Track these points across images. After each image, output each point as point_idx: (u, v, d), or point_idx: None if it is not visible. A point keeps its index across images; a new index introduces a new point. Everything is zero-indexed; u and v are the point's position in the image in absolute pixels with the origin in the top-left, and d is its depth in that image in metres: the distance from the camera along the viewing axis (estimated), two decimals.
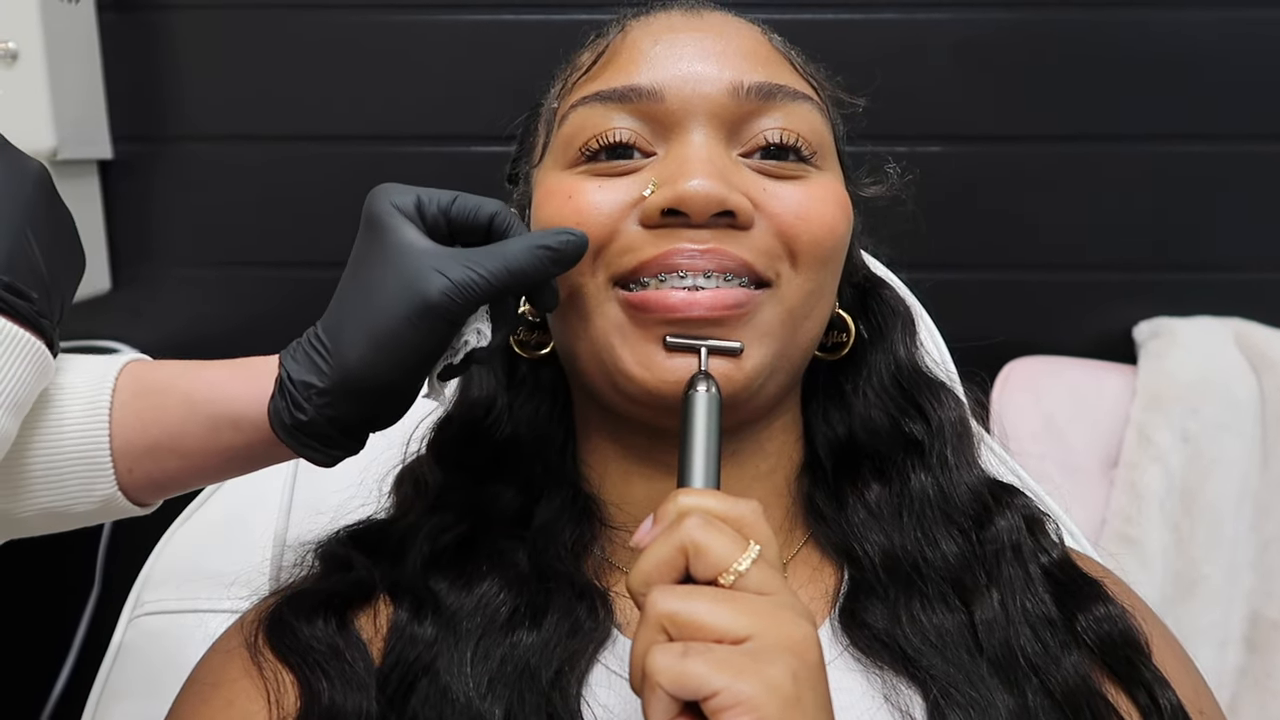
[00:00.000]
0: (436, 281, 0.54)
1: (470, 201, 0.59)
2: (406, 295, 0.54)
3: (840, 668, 0.60)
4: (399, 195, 0.57)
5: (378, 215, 0.57)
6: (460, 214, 0.58)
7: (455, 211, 0.58)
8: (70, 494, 0.57)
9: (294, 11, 1.47)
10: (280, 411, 0.56)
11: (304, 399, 0.56)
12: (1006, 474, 0.80)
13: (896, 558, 0.63)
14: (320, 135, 1.49)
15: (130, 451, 0.57)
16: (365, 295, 0.56)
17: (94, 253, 1.50)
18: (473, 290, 0.54)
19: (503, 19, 1.46)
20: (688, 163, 0.58)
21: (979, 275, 1.50)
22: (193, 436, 0.58)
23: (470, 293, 0.54)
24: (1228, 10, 1.43)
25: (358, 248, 0.58)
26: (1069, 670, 0.59)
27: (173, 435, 0.58)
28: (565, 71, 0.68)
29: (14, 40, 1.33)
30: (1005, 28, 1.44)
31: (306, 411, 0.56)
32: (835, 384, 0.70)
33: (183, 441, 0.58)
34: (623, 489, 0.65)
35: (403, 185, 0.58)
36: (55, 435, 0.56)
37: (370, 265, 0.56)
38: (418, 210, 0.57)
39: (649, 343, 0.58)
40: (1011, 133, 1.48)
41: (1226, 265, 1.51)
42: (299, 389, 0.56)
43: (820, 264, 0.61)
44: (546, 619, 0.59)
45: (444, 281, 0.54)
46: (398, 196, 0.57)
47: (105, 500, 0.58)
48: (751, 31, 0.65)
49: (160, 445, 0.58)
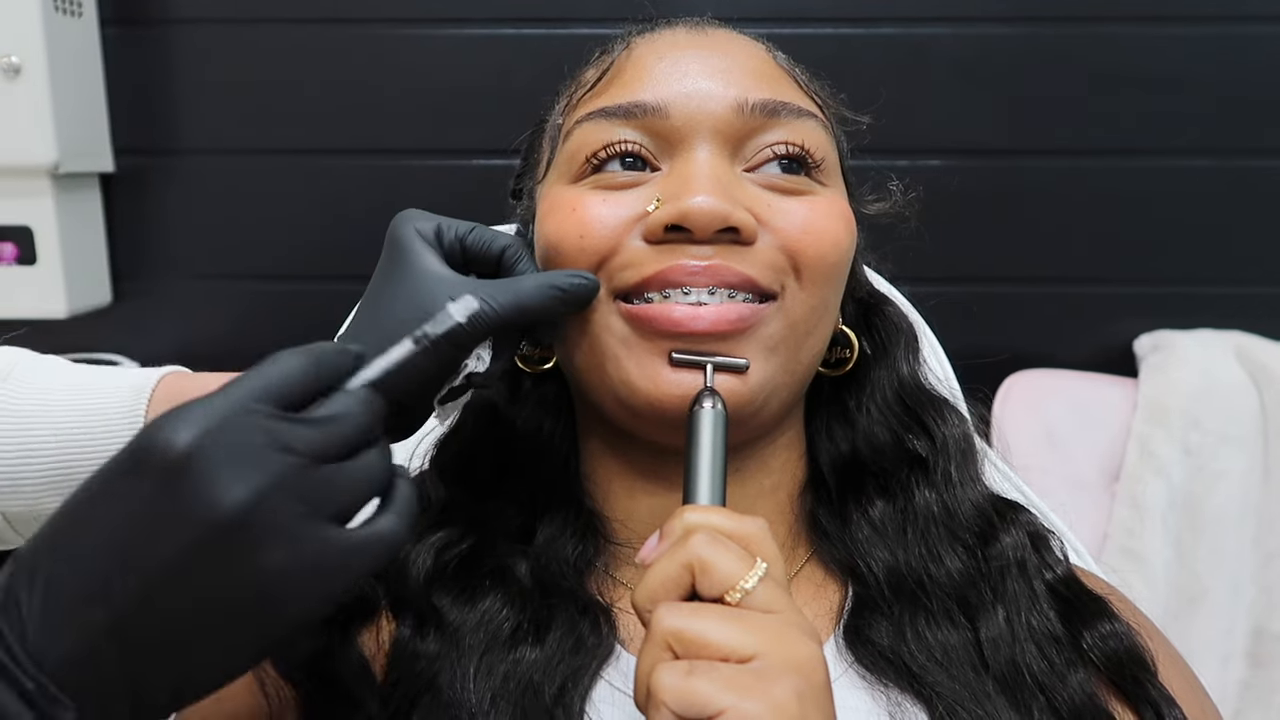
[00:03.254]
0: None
1: (486, 234, 0.61)
2: (419, 319, 0.55)
3: (845, 685, 0.59)
4: (421, 221, 0.60)
5: (400, 239, 0.59)
6: (475, 244, 0.61)
7: (471, 241, 0.61)
8: None
9: (295, 26, 1.47)
10: None
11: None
12: (1011, 490, 0.80)
13: (901, 574, 0.63)
14: (321, 149, 1.50)
15: None
16: (380, 315, 0.58)
17: (95, 266, 1.51)
18: (482, 321, 0.56)
19: (504, 33, 1.47)
20: (692, 179, 0.58)
21: (979, 289, 1.50)
22: None
23: (480, 323, 0.55)
24: (1230, 26, 1.44)
25: (380, 268, 0.60)
26: (1075, 688, 0.58)
27: None
28: (570, 88, 0.68)
29: (17, 54, 1.33)
30: (1006, 42, 1.45)
31: None
32: (839, 400, 0.70)
33: None
34: (627, 505, 0.65)
35: (425, 212, 0.61)
36: (98, 437, 0.60)
37: (388, 286, 0.58)
38: (437, 237, 0.60)
39: (654, 356, 0.58)
40: (1012, 147, 1.48)
41: (1227, 278, 1.51)
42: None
43: (825, 279, 0.61)
44: (550, 635, 0.59)
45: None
46: (420, 222, 0.60)
47: None
48: (756, 49, 0.65)
49: None
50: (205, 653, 0.42)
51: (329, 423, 0.44)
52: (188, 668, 0.42)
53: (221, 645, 0.42)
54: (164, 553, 0.40)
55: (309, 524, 0.42)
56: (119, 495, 0.41)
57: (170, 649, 0.41)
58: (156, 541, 0.40)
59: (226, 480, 0.40)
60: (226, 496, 0.40)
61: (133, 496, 0.41)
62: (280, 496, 0.41)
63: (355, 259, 1.30)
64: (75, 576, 0.41)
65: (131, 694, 0.41)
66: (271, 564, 0.41)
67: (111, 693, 0.41)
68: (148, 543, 0.40)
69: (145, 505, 0.40)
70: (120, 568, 0.40)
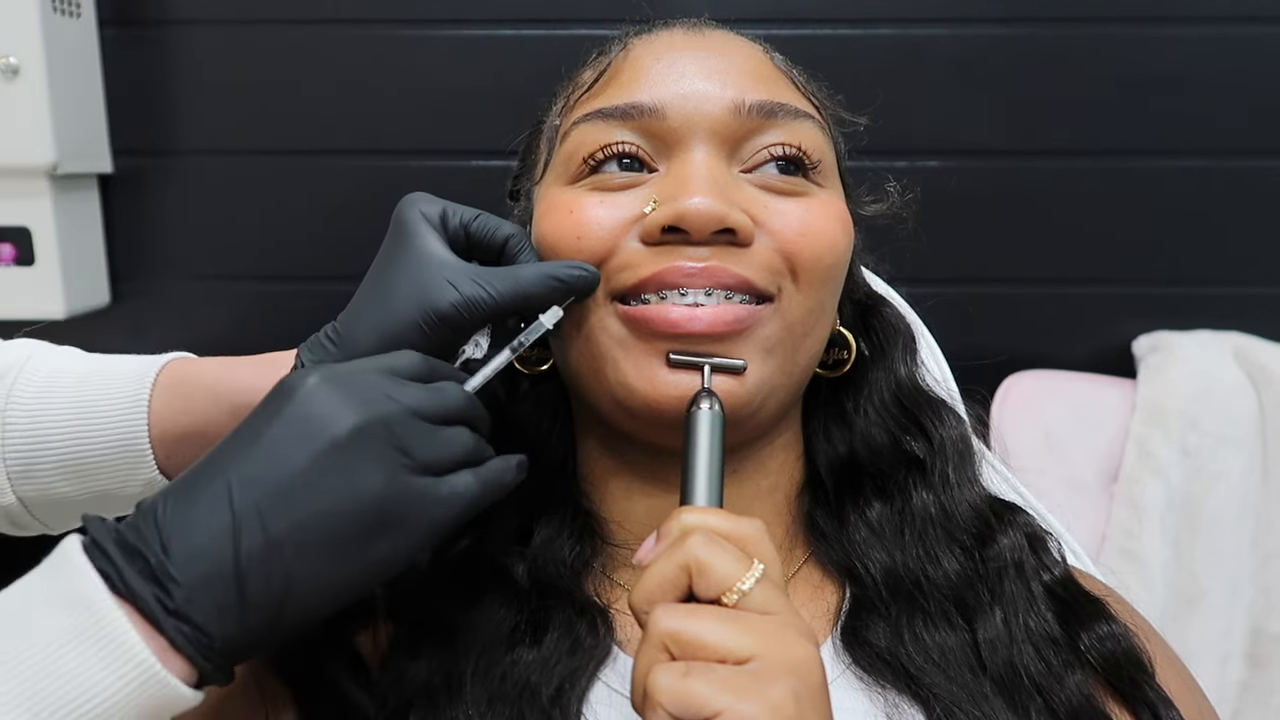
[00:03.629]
0: (448, 293, 0.57)
1: (491, 221, 0.62)
2: (417, 301, 0.57)
3: (842, 686, 0.59)
4: (427, 204, 0.61)
5: (404, 221, 0.60)
6: (480, 231, 0.62)
7: (475, 228, 0.62)
8: (120, 477, 0.63)
9: (294, 26, 1.47)
10: None
11: None
12: (1009, 491, 0.80)
13: (898, 575, 0.63)
14: (320, 149, 1.50)
15: (166, 439, 0.62)
16: (381, 296, 0.59)
17: (93, 267, 1.51)
18: (480, 306, 0.57)
19: (503, 34, 1.47)
20: (688, 180, 0.58)
21: (977, 289, 1.50)
22: (218, 426, 0.61)
23: (478, 308, 0.57)
24: (1227, 26, 1.44)
25: (383, 250, 0.61)
26: (1072, 690, 0.58)
27: (201, 425, 0.62)
28: (567, 89, 0.68)
29: (15, 55, 1.33)
30: (1004, 43, 1.45)
31: None
32: (836, 402, 0.70)
33: (210, 430, 0.61)
34: (624, 505, 0.65)
35: (432, 196, 0.62)
36: (105, 422, 0.62)
37: (390, 268, 0.59)
38: (442, 221, 0.61)
39: (651, 357, 0.58)
40: (1010, 148, 1.48)
41: (1226, 279, 1.51)
42: None
43: (821, 281, 0.61)
44: (547, 636, 0.59)
45: (455, 294, 0.57)
46: (426, 205, 0.61)
47: (148, 484, 0.63)
48: (753, 50, 0.65)
49: (191, 434, 0.62)
50: (312, 566, 0.47)
51: (433, 391, 0.52)
52: (299, 577, 0.47)
53: (326, 564, 0.48)
54: (297, 460, 0.47)
55: (402, 467, 0.49)
56: (254, 427, 0.49)
57: (287, 557, 0.47)
58: (291, 451, 0.48)
59: (344, 408, 0.48)
60: (343, 418, 0.48)
61: (270, 421, 0.49)
62: (383, 431, 0.49)
63: (353, 259, 1.30)
64: (210, 490, 0.47)
65: (241, 594, 0.46)
66: (369, 489, 0.48)
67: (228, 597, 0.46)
68: (284, 453, 0.48)
69: (284, 425, 0.48)
70: (256, 478, 0.47)
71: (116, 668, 0.44)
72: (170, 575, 0.45)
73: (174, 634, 0.45)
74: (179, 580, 0.45)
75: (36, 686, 0.43)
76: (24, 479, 0.62)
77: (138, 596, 0.45)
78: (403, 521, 0.49)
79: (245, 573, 0.46)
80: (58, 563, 0.46)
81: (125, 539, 0.46)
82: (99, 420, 0.62)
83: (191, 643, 0.45)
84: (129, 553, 0.46)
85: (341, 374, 0.50)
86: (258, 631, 0.47)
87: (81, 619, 0.44)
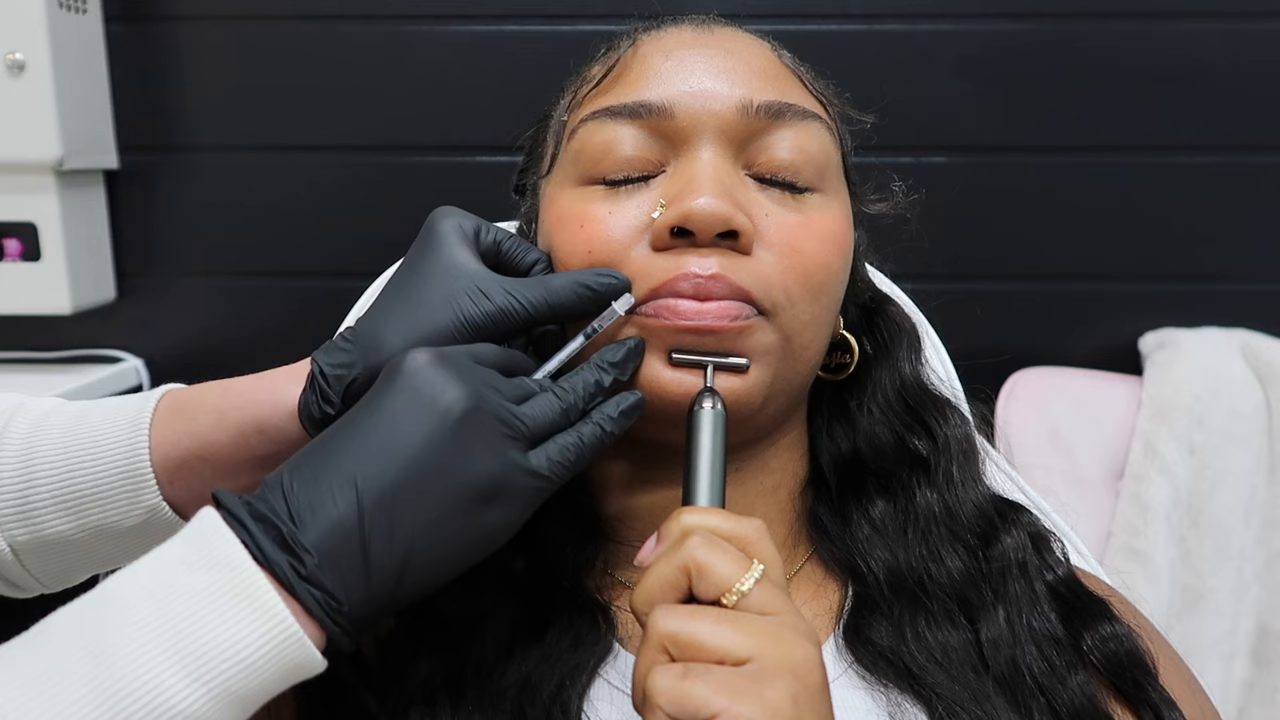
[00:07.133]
0: (482, 302, 0.58)
1: (521, 244, 0.64)
2: (451, 310, 0.58)
3: (844, 685, 0.59)
4: (462, 218, 0.62)
5: (439, 231, 0.61)
6: (510, 251, 0.63)
7: (506, 248, 0.63)
8: (120, 507, 0.61)
9: (300, 22, 1.47)
10: (310, 405, 0.58)
11: (335, 392, 0.57)
12: (1013, 490, 0.80)
13: (901, 574, 0.63)
14: (326, 146, 1.50)
15: (168, 464, 0.61)
16: (409, 303, 0.59)
17: (100, 263, 1.51)
18: (513, 316, 0.58)
19: (508, 29, 1.46)
20: (695, 180, 0.58)
21: (983, 286, 1.50)
22: (222, 446, 0.61)
23: (510, 318, 0.58)
24: (1234, 22, 1.43)
25: (410, 259, 0.61)
26: (1075, 690, 0.58)
27: (204, 446, 0.61)
28: (575, 84, 0.68)
29: (21, 51, 1.34)
30: (1010, 38, 1.44)
31: (335, 405, 0.57)
32: (840, 400, 0.69)
33: (213, 451, 0.61)
34: (626, 503, 0.65)
35: (466, 211, 0.63)
36: (102, 452, 0.60)
37: (420, 276, 0.59)
38: (476, 236, 0.62)
39: (654, 355, 0.59)
40: (1017, 143, 1.47)
41: (1233, 276, 1.50)
42: (331, 383, 0.57)
43: (813, 298, 0.60)
44: (548, 632, 0.59)
45: (489, 304, 0.58)
46: (462, 219, 0.62)
47: (150, 510, 0.61)
48: (762, 49, 0.65)
49: (194, 456, 0.61)
50: (430, 536, 0.50)
51: (516, 382, 0.55)
52: (418, 548, 0.50)
53: (443, 535, 0.50)
54: (415, 436, 0.50)
55: (508, 439, 0.52)
56: (372, 404, 0.52)
57: (407, 528, 0.49)
58: (410, 427, 0.50)
59: (456, 386, 0.51)
60: (457, 397, 0.51)
61: (385, 401, 0.51)
62: (487, 406, 0.52)
63: (360, 256, 1.31)
64: (333, 463, 0.50)
65: (366, 563, 0.48)
66: (483, 464, 0.51)
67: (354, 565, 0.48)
68: (403, 429, 0.50)
69: (400, 402, 0.51)
70: (377, 452, 0.50)
71: (260, 625, 0.46)
72: (301, 544, 0.47)
73: (307, 599, 0.47)
74: (309, 549, 0.47)
75: (184, 637, 0.44)
76: (18, 520, 0.60)
77: (273, 562, 0.47)
78: (512, 492, 0.52)
79: (369, 542, 0.48)
80: (196, 528, 0.48)
81: (257, 509, 0.48)
82: (98, 448, 0.60)
83: (323, 608, 0.47)
84: (262, 521, 0.48)
85: (448, 355, 0.53)
86: (380, 599, 0.49)
87: (227, 577, 0.46)
